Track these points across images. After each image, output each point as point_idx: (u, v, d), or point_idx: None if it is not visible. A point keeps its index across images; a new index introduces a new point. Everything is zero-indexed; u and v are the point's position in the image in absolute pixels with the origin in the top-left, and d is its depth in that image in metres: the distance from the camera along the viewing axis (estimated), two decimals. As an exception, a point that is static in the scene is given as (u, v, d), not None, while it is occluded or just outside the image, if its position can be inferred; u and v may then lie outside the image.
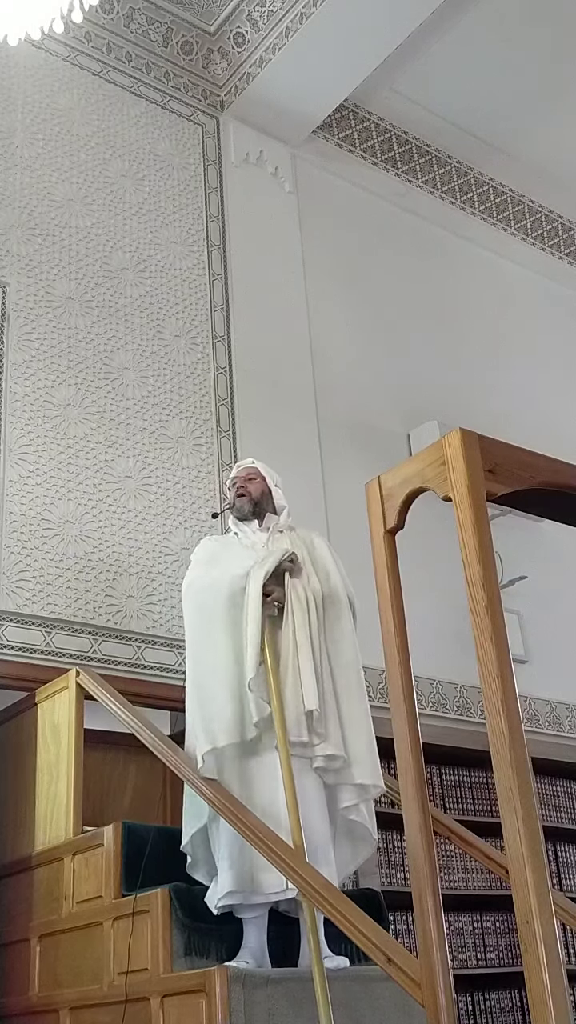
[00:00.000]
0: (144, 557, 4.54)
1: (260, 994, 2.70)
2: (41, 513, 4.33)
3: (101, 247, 5.05)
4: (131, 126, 5.46)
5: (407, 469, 2.15)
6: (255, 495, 3.63)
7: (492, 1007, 4.74)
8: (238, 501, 3.64)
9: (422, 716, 2.15)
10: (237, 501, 3.64)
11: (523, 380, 6.57)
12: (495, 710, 1.86)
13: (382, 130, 6.44)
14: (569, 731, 5.75)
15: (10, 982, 3.53)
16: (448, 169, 6.76)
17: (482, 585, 1.92)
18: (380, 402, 5.77)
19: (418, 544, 2.88)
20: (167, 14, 5.61)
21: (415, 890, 2.01)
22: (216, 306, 5.34)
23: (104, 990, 3.06)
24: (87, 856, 3.31)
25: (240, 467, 3.79)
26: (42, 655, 4.09)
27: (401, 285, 6.26)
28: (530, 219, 7.17)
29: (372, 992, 2.88)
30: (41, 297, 4.74)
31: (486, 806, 5.11)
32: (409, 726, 2.06)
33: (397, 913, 4.34)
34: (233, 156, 5.77)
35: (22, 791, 3.73)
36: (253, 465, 3.74)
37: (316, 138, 6.18)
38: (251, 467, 3.73)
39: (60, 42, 5.22)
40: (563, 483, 2.08)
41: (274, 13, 5.45)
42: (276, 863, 2.74)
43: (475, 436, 2.03)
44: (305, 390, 5.46)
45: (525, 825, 1.78)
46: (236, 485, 3.69)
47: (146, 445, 4.77)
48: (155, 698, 4.22)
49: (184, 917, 2.96)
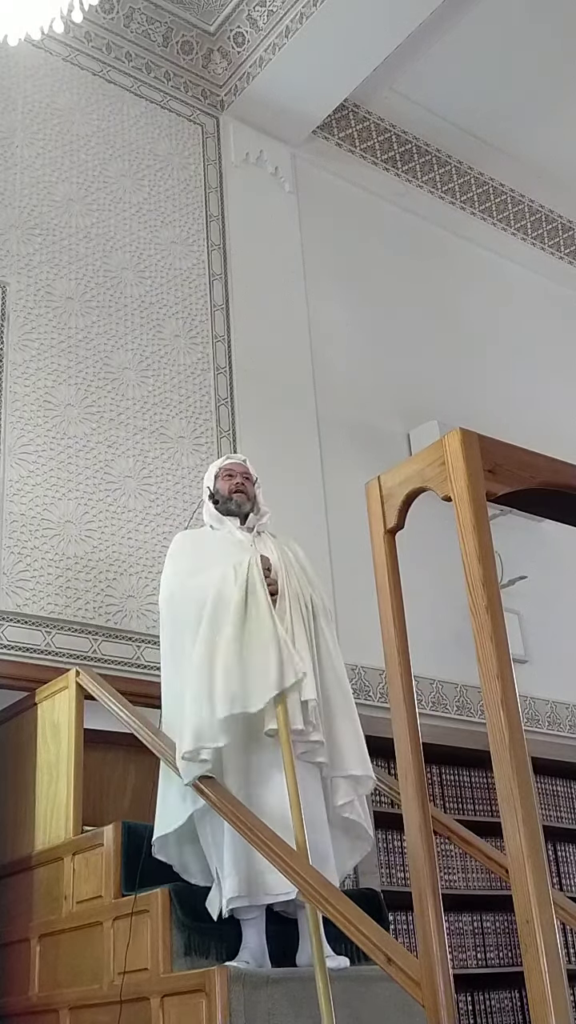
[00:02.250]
0: (144, 557, 4.54)
1: (260, 994, 2.70)
2: (41, 513, 4.33)
3: (101, 247, 5.05)
4: (131, 126, 5.46)
5: (407, 469, 2.15)
6: (250, 495, 3.57)
7: (492, 1007, 4.74)
8: (237, 497, 3.55)
9: (422, 716, 2.15)
10: (236, 497, 3.55)
11: (523, 380, 6.57)
12: (495, 710, 1.85)
13: (382, 130, 6.44)
14: (569, 731, 5.75)
15: (10, 982, 3.53)
16: (448, 169, 6.76)
17: (482, 585, 1.92)
18: (380, 402, 5.77)
19: (418, 544, 2.88)
20: (167, 14, 5.62)
21: (415, 890, 2.01)
22: (216, 306, 5.34)
23: (104, 990, 3.06)
24: (87, 856, 3.31)
25: (231, 460, 3.70)
26: (42, 655, 4.09)
27: (401, 285, 6.27)
28: (530, 219, 7.17)
29: (372, 992, 2.88)
30: (41, 297, 4.74)
31: (486, 806, 5.11)
32: (409, 726, 2.05)
33: (397, 913, 4.34)
34: (233, 156, 5.77)
35: (22, 791, 3.72)
36: (246, 464, 3.67)
37: (316, 138, 6.18)
38: (245, 466, 3.66)
39: (60, 42, 5.22)
40: (563, 483, 2.08)
41: (274, 13, 5.45)
42: (277, 863, 2.74)
43: (475, 436, 2.03)
44: (305, 390, 5.46)
45: (525, 825, 1.77)
46: (233, 480, 3.59)
47: (146, 445, 4.77)
48: (155, 698, 4.18)
49: (184, 917, 2.95)
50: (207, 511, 3.61)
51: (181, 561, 3.47)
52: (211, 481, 3.64)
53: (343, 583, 4.83)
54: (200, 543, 3.53)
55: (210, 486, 3.64)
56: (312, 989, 2.68)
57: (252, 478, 3.64)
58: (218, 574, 3.27)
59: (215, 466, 3.70)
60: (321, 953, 2.71)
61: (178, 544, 3.57)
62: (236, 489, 3.56)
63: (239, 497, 3.55)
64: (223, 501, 3.57)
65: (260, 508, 3.58)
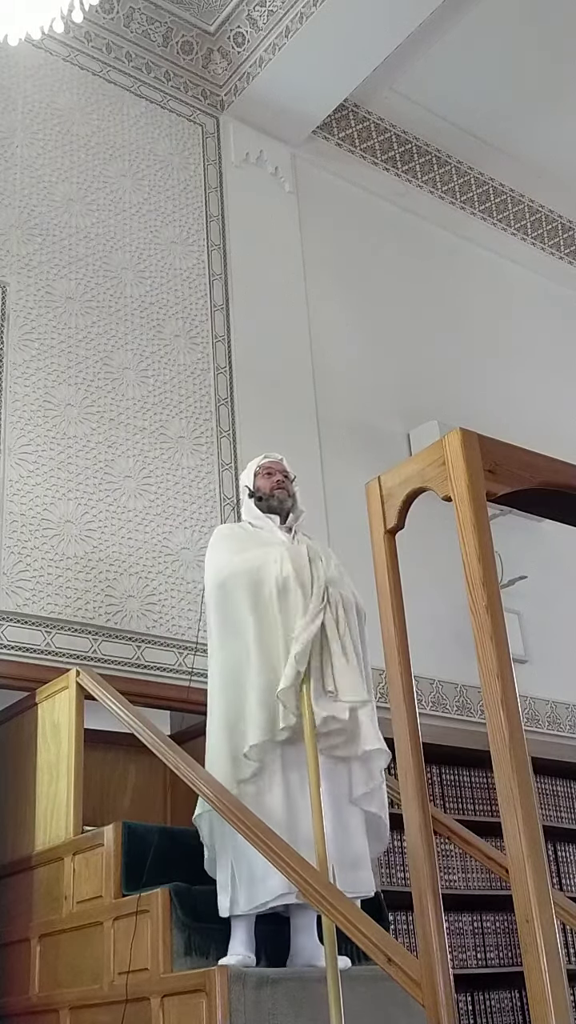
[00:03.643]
0: (144, 557, 4.54)
1: (260, 994, 2.70)
2: (41, 513, 4.33)
3: (101, 247, 5.05)
4: (131, 126, 5.46)
5: (407, 469, 2.15)
6: (290, 492, 3.54)
7: (492, 1007, 4.74)
8: (279, 494, 3.50)
9: (422, 716, 2.15)
10: (278, 493, 3.50)
11: (523, 380, 6.58)
12: (495, 710, 1.85)
13: (382, 130, 6.44)
14: (569, 731, 5.75)
15: (10, 982, 3.53)
16: (448, 169, 6.76)
17: (482, 585, 1.92)
18: (380, 402, 5.77)
19: (418, 544, 2.88)
20: (167, 14, 5.61)
21: (415, 890, 2.01)
22: (216, 306, 5.34)
23: (104, 990, 3.06)
24: (87, 856, 3.31)
25: (269, 459, 3.64)
26: (42, 655, 4.09)
27: (401, 285, 6.27)
28: (530, 219, 7.17)
29: (373, 992, 2.88)
30: (41, 297, 4.74)
31: (486, 806, 5.10)
32: (409, 726, 2.06)
33: (397, 913, 4.34)
34: (233, 156, 5.77)
35: (22, 791, 3.72)
36: (284, 463, 3.62)
37: (316, 138, 6.18)
38: (283, 464, 3.61)
39: (60, 42, 5.22)
40: (563, 483, 2.08)
41: (274, 13, 5.45)
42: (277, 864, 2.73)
43: (475, 436, 2.03)
44: (305, 390, 5.46)
45: (525, 825, 1.78)
46: (273, 478, 3.53)
47: (146, 445, 4.77)
48: (155, 698, 4.22)
49: (184, 917, 2.95)
50: (247, 509, 3.56)
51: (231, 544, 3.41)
52: (250, 479, 3.59)
53: (343, 583, 4.82)
54: (244, 536, 3.47)
55: (249, 484, 3.58)
56: (312, 989, 2.68)
57: (291, 476, 3.60)
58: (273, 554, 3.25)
59: (254, 464, 3.64)
60: (334, 956, 2.70)
61: (219, 536, 3.52)
62: (277, 486, 3.52)
63: (280, 494, 3.51)
64: (265, 498, 3.52)
65: (299, 507, 3.55)
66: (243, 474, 3.69)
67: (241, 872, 3.02)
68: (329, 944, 2.74)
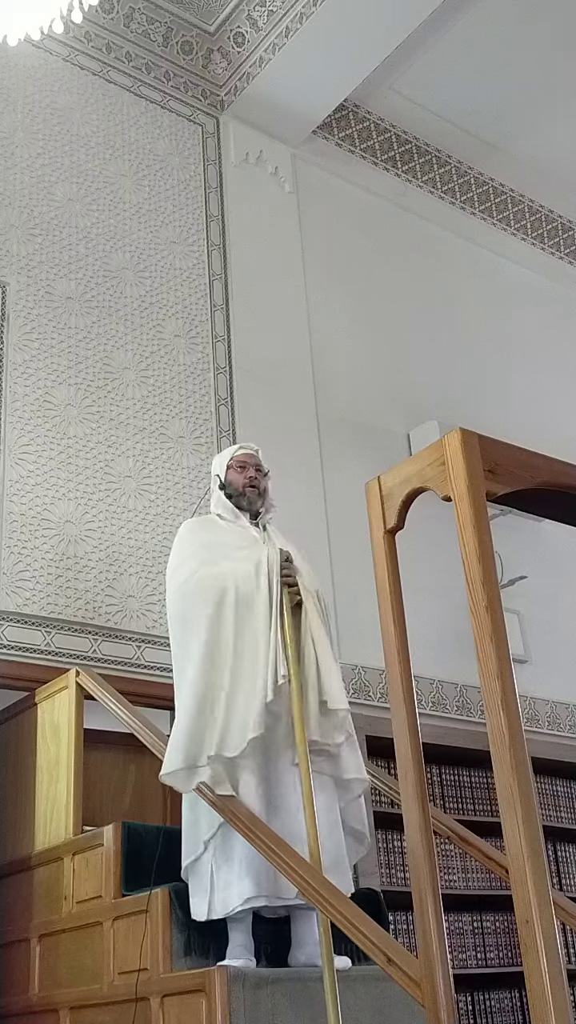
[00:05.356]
0: (144, 557, 4.54)
1: (260, 994, 2.69)
2: (41, 513, 4.33)
3: (101, 247, 5.05)
4: (131, 126, 5.46)
5: (407, 469, 2.15)
6: (261, 490, 3.47)
7: (492, 1007, 4.74)
8: (250, 493, 3.44)
9: (422, 716, 2.15)
10: (249, 492, 3.44)
11: (523, 380, 6.57)
12: (495, 710, 1.85)
13: (382, 130, 6.44)
14: (569, 731, 5.75)
15: (10, 982, 3.53)
16: (448, 169, 6.76)
17: (482, 585, 1.92)
18: (380, 402, 5.77)
19: (418, 544, 2.88)
20: (167, 14, 5.62)
21: (415, 890, 2.01)
22: (216, 306, 5.34)
23: (104, 990, 3.06)
24: (87, 856, 3.31)
25: (244, 451, 3.56)
26: (42, 655, 4.09)
27: (401, 285, 6.27)
28: (530, 219, 7.17)
29: (373, 992, 2.88)
30: (41, 297, 4.74)
31: (486, 806, 5.11)
32: (409, 726, 2.05)
33: (397, 913, 4.34)
34: (233, 156, 5.77)
35: (22, 791, 3.73)
36: (258, 456, 3.55)
37: (316, 138, 6.18)
38: (258, 458, 3.54)
39: (60, 42, 5.22)
40: (563, 483, 2.08)
41: (274, 13, 5.45)
42: (277, 864, 2.74)
43: (475, 436, 2.03)
44: (305, 390, 5.46)
45: (525, 825, 1.77)
46: (246, 472, 3.47)
47: (146, 445, 4.77)
48: (155, 698, 4.22)
49: (184, 917, 2.95)
50: (217, 500, 3.50)
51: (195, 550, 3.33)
52: (222, 470, 3.52)
53: (343, 583, 4.83)
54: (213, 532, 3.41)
55: (220, 475, 3.51)
56: (311, 989, 2.68)
57: (264, 470, 3.53)
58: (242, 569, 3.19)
59: (227, 454, 3.56)
60: (331, 956, 2.70)
61: (188, 531, 3.44)
62: (249, 483, 3.46)
63: (251, 493, 3.45)
64: (235, 496, 3.46)
65: (269, 502, 3.49)
66: (215, 461, 3.60)
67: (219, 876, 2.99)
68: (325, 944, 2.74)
